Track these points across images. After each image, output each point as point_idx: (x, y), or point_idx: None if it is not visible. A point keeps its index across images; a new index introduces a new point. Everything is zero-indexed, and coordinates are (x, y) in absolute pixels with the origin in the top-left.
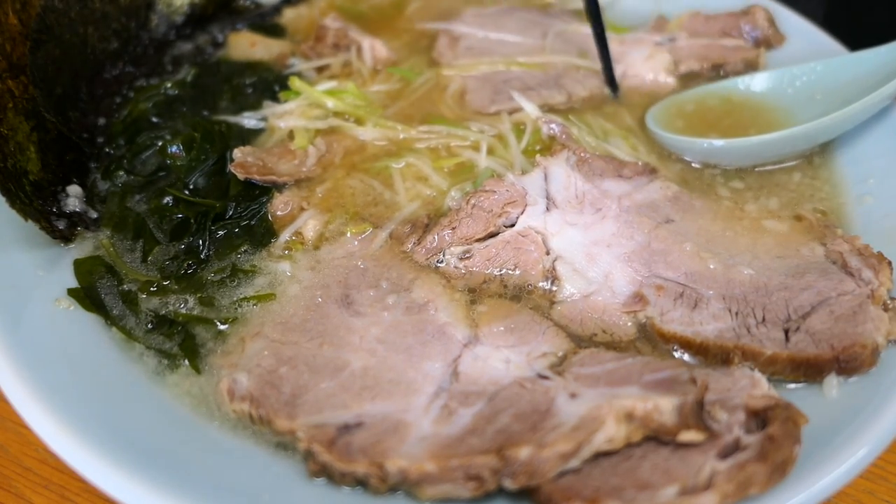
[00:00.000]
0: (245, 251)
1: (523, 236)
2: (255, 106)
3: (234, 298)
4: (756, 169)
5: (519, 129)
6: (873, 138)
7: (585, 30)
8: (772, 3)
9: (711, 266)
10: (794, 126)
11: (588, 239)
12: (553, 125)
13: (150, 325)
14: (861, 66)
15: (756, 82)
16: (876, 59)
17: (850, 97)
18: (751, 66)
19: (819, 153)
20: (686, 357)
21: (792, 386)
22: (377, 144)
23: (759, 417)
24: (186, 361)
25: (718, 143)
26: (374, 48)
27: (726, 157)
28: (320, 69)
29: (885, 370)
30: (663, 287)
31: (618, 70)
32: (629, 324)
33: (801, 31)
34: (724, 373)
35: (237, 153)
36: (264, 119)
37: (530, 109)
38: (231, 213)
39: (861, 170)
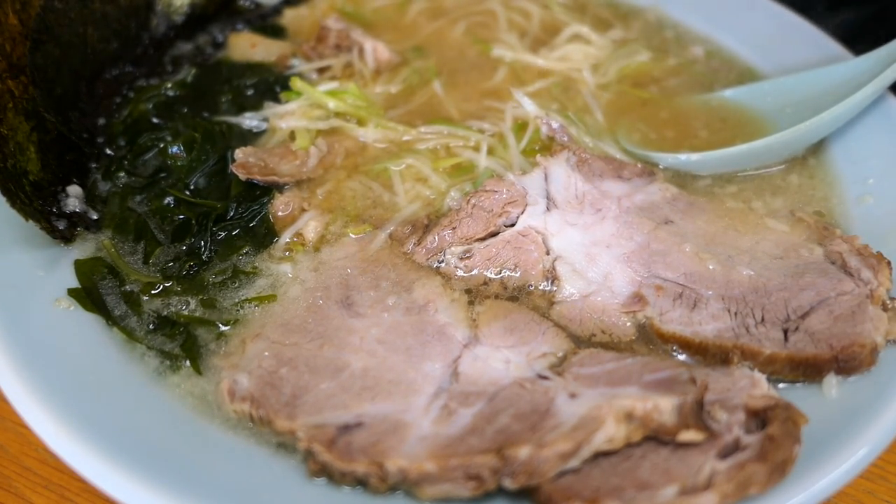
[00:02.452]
0: (246, 252)
1: (524, 236)
2: (255, 107)
3: (236, 300)
4: (739, 174)
5: (518, 129)
6: (873, 138)
7: None
8: (771, 3)
9: (711, 267)
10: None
11: (588, 239)
12: (552, 124)
13: (151, 326)
14: (829, 79)
15: (733, 96)
16: (844, 72)
17: (818, 108)
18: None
19: (814, 154)
20: (685, 357)
21: (783, 385)
22: (378, 146)
23: (758, 417)
24: (188, 362)
25: (682, 157)
26: (376, 50)
27: (697, 167)
28: (321, 70)
29: (885, 370)
30: (662, 287)
31: None
32: (628, 324)
33: (800, 31)
34: (724, 373)
35: (238, 153)
36: (265, 119)
37: (530, 108)
38: (232, 213)
39: (860, 170)
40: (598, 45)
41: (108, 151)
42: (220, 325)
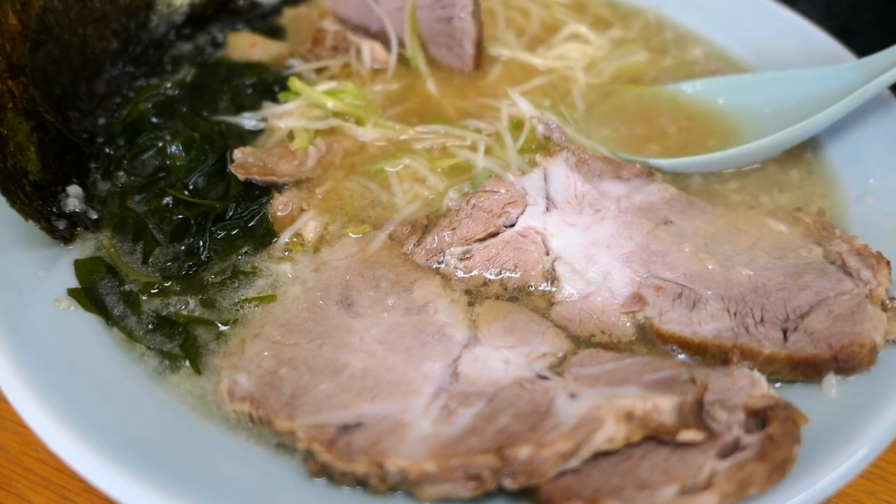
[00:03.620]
0: (245, 252)
1: (523, 236)
2: (254, 106)
3: (235, 300)
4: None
5: (514, 127)
6: (873, 138)
7: None
8: (774, 5)
9: (710, 267)
10: (744, 137)
11: (587, 240)
12: (548, 123)
13: (151, 326)
14: (812, 83)
15: (707, 89)
16: (831, 78)
17: (797, 115)
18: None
19: (813, 153)
20: (685, 357)
21: (783, 385)
22: (377, 145)
23: (758, 417)
24: (187, 362)
25: (655, 161)
26: (373, 50)
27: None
28: (320, 70)
29: (884, 369)
30: (662, 287)
31: None
32: (628, 324)
33: (799, 30)
34: (724, 373)
35: (237, 153)
36: (264, 119)
37: (525, 108)
38: (231, 213)
39: (861, 170)
40: (597, 45)
41: (108, 151)
42: (220, 325)
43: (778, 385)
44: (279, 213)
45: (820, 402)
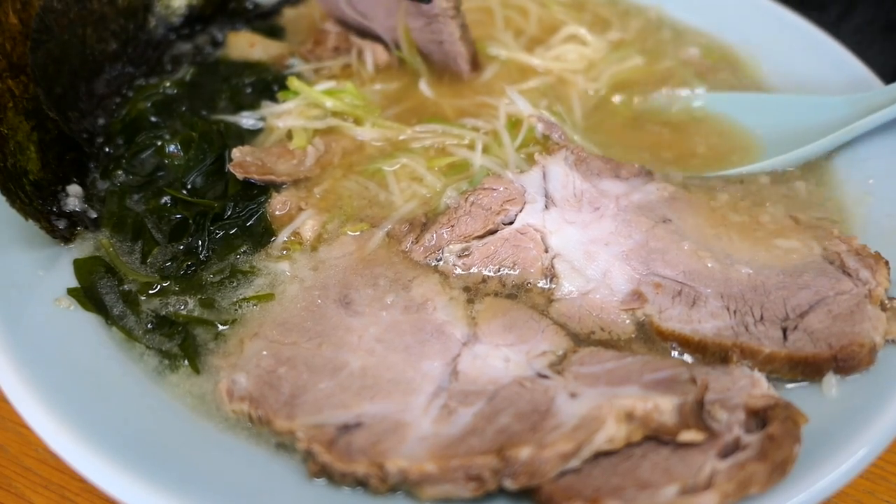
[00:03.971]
0: (244, 252)
1: (522, 234)
2: (253, 106)
3: (234, 299)
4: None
5: (512, 126)
6: (873, 138)
7: None
8: (774, 4)
9: (709, 265)
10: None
11: (586, 237)
12: (548, 122)
13: (150, 326)
14: (815, 110)
15: (719, 104)
16: (836, 108)
17: (799, 139)
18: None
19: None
20: (684, 356)
21: (790, 385)
22: (375, 144)
23: (758, 417)
24: (186, 362)
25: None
26: (375, 52)
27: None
28: (319, 70)
29: (884, 369)
30: (661, 285)
31: None
32: (627, 321)
33: (799, 31)
34: (724, 372)
35: (236, 153)
36: (262, 119)
37: (524, 107)
38: (229, 213)
39: (861, 170)
40: (595, 48)
41: (108, 150)
42: (219, 325)
43: (789, 386)
44: (277, 213)
45: (820, 402)
